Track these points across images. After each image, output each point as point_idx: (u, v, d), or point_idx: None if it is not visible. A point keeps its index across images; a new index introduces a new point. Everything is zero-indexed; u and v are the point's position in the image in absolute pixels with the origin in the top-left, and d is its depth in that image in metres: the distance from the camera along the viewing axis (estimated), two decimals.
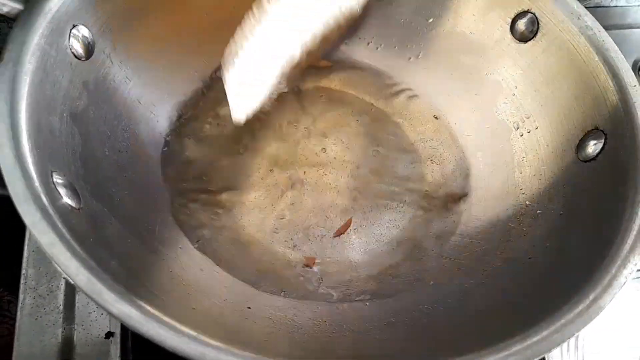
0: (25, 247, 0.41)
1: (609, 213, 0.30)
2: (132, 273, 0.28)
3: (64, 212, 0.25)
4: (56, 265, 0.22)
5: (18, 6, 0.30)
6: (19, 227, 0.43)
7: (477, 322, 0.30)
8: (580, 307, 0.25)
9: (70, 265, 0.22)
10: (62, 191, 0.27)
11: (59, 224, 0.24)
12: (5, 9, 0.30)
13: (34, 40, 0.29)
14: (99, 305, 0.22)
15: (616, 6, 0.59)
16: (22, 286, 0.39)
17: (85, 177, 0.30)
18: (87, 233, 0.26)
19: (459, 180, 0.42)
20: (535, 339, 0.23)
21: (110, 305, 0.22)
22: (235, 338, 0.25)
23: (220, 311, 0.31)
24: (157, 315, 0.22)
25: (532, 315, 0.26)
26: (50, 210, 0.24)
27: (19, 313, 0.38)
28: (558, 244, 0.32)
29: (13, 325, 0.49)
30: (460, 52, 0.41)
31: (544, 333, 0.24)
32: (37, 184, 0.25)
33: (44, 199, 0.24)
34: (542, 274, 0.31)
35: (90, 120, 0.33)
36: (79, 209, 0.28)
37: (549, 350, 0.23)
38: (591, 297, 0.25)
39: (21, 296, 0.39)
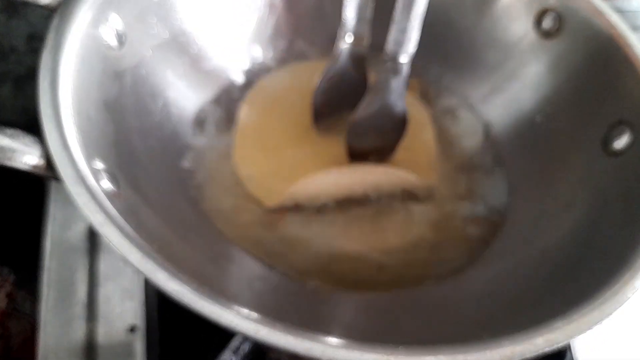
0: (48, 241, 0.41)
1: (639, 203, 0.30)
2: (171, 259, 0.28)
3: (109, 195, 0.25)
4: (111, 244, 0.22)
5: None
6: (35, 225, 0.43)
7: (512, 305, 0.31)
8: (616, 286, 0.26)
9: (123, 244, 0.22)
10: (104, 176, 0.27)
11: (108, 205, 0.24)
12: (46, 0, 0.31)
13: (72, 30, 0.30)
14: (154, 283, 0.22)
15: (628, 11, 0.60)
16: (45, 279, 0.39)
17: (120, 165, 0.31)
18: (129, 217, 0.26)
19: None
20: (576, 316, 0.24)
21: (164, 283, 0.22)
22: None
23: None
24: (210, 292, 0.22)
25: (570, 297, 0.26)
26: (98, 192, 0.24)
27: (43, 306, 0.37)
28: (588, 234, 0.32)
29: (30, 322, 0.49)
30: (484, 48, 0.42)
31: (584, 311, 0.24)
32: (83, 167, 0.25)
33: (92, 182, 0.25)
34: (575, 261, 0.31)
35: (121, 110, 0.34)
36: (119, 194, 0.28)
37: (590, 327, 0.24)
38: (626, 277, 0.26)
39: (45, 290, 0.38)
